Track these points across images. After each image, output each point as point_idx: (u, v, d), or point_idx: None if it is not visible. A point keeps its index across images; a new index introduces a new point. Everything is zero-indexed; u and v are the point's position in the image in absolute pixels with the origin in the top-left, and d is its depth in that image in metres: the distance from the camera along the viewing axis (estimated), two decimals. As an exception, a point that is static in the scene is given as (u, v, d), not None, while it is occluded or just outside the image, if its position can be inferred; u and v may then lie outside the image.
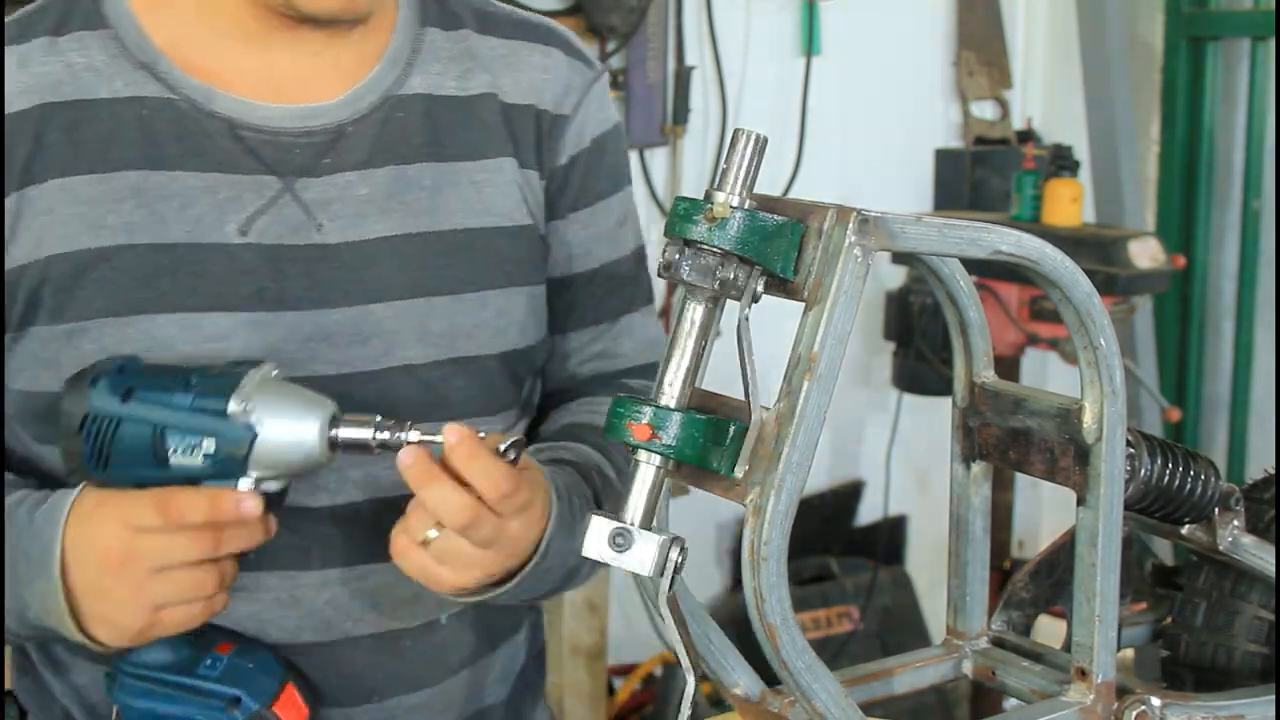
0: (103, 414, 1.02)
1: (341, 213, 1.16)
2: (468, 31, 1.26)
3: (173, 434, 1.02)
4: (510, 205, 1.23)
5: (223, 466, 1.02)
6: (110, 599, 1.04)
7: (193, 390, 1.02)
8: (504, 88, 1.25)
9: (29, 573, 1.06)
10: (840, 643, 3.39)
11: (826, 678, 0.90)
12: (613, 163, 1.33)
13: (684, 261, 0.88)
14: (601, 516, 0.93)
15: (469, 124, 1.23)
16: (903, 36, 3.69)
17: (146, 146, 1.13)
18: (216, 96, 1.15)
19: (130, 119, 1.13)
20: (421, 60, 1.22)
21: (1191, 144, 3.72)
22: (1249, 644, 1.18)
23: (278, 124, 1.16)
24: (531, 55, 1.27)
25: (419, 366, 1.19)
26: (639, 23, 3.16)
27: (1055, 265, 0.95)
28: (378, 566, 1.19)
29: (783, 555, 0.86)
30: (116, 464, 1.03)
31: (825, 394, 0.86)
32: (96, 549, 1.04)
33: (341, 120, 1.18)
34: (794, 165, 3.47)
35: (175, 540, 1.02)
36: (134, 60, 1.14)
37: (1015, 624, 1.18)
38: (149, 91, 1.14)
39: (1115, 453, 1.00)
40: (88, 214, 1.11)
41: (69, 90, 1.13)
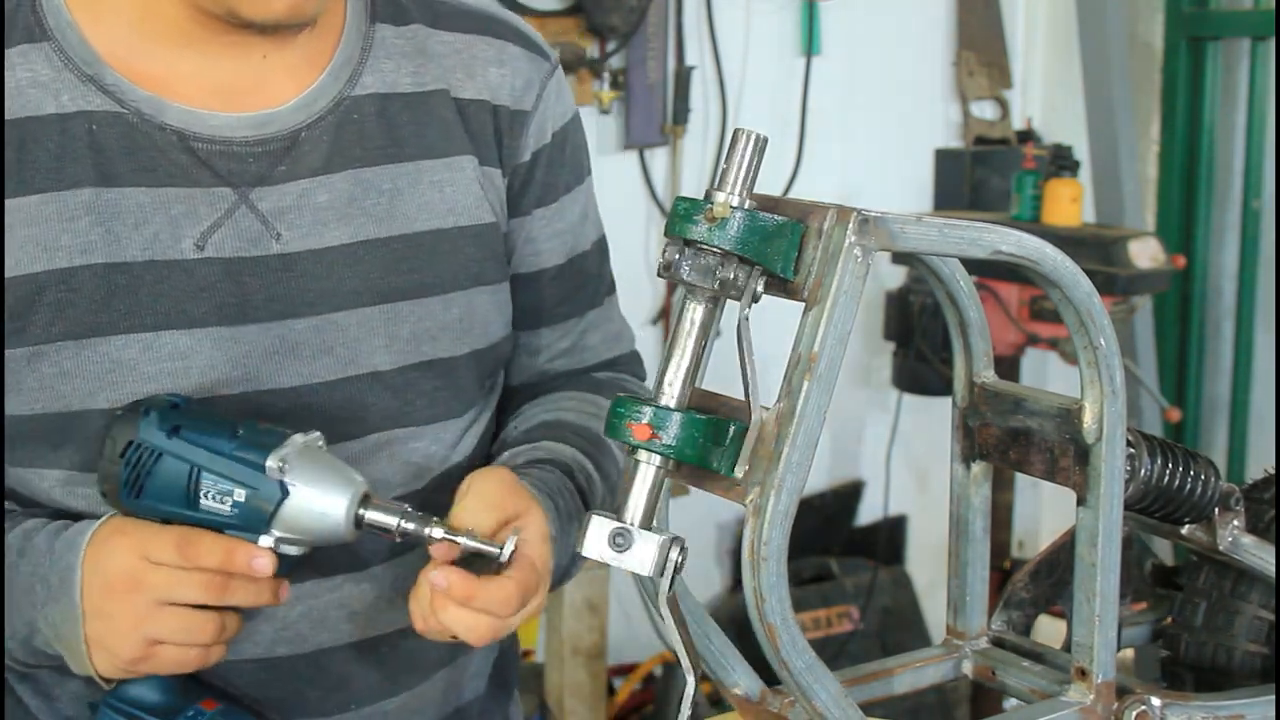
0: (147, 444, 1.04)
1: (299, 221, 1.14)
2: (418, 26, 1.22)
3: (208, 477, 1.03)
4: (472, 203, 1.21)
5: (248, 520, 1.03)
6: (110, 623, 1.03)
7: (237, 440, 1.04)
8: (458, 84, 1.22)
9: (46, 596, 1.05)
10: (840, 643, 3.39)
11: (826, 678, 0.90)
12: (574, 155, 1.31)
13: (684, 262, 0.88)
14: (601, 516, 0.93)
15: (426, 121, 1.20)
16: (903, 36, 3.69)
17: (97, 163, 1.10)
18: (166, 108, 1.12)
19: (79, 135, 1.10)
20: (373, 58, 1.19)
21: (1191, 144, 3.72)
22: (1249, 644, 1.18)
23: (229, 133, 1.13)
24: (486, 50, 1.24)
25: (386, 373, 1.18)
26: (639, 23, 3.16)
27: (1056, 265, 0.95)
28: (352, 575, 1.19)
29: (783, 555, 0.86)
30: (148, 495, 1.04)
31: (825, 394, 0.86)
32: (107, 572, 1.03)
33: (295, 126, 1.15)
34: (794, 165, 3.47)
35: (185, 578, 1.02)
36: (79, 73, 1.11)
37: (1015, 624, 1.18)
38: (96, 105, 1.10)
39: (1115, 453, 1.00)
40: (40, 235, 1.08)
41: (16, 107, 1.09)
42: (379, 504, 1.05)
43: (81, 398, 1.10)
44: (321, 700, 1.20)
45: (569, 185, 1.30)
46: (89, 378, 1.09)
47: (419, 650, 1.23)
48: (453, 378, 1.22)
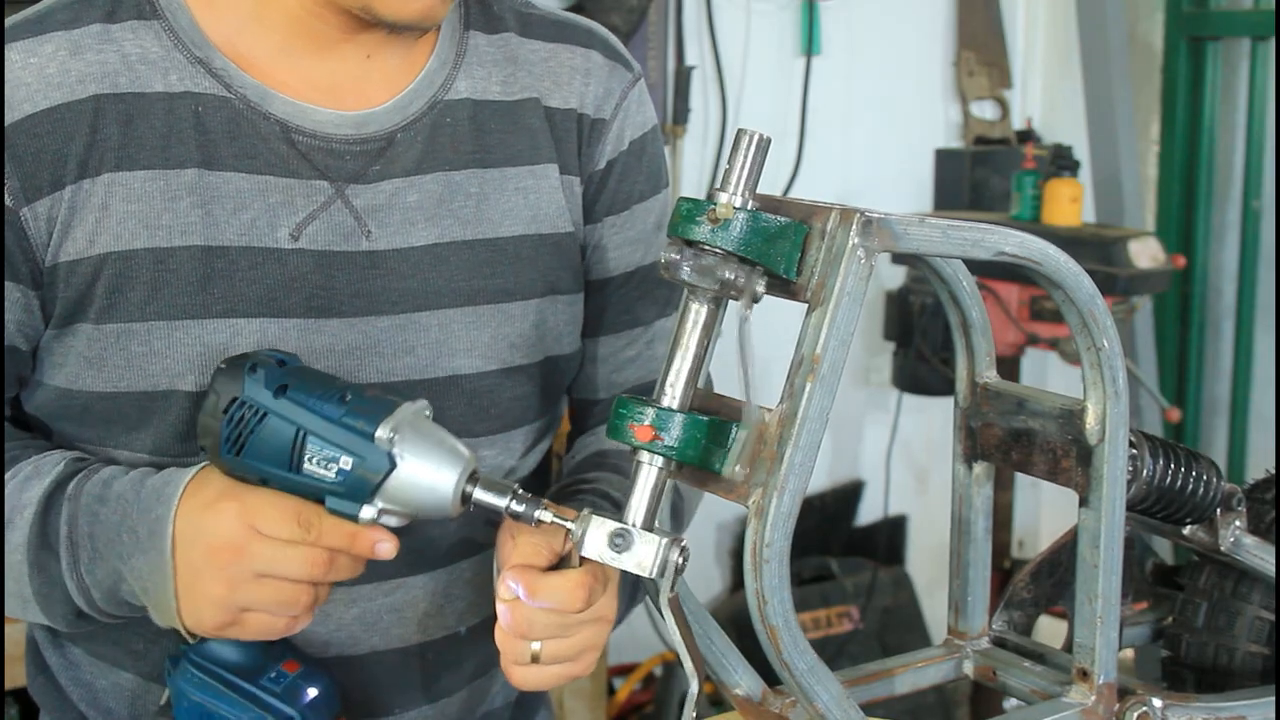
0: (252, 402, 1.01)
1: (389, 220, 1.15)
2: (510, 34, 1.24)
3: (314, 441, 1.01)
4: (554, 212, 1.22)
5: (352, 488, 1.01)
6: (203, 588, 1.02)
7: (345, 406, 1.01)
8: (546, 92, 1.23)
9: (134, 547, 1.04)
10: (840, 643, 3.39)
11: (828, 679, 0.91)
12: (651, 165, 1.31)
13: (684, 262, 0.88)
14: (602, 517, 0.93)
15: (514, 130, 1.21)
16: (903, 36, 3.69)
17: (201, 145, 1.11)
18: (272, 98, 1.13)
19: (186, 115, 1.11)
20: (466, 64, 1.21)
21: (1191, 144, 3.72)
22: (1250, 645, 1.18)
23: (331, 130, 1.14)
24: (572, 58, 1.25)
25: (465, 376, 1.18)
26: (639, 23, 3.16)
27: (1059, 266, 0.95)
28: (406, 580, 1.19)
29: (785, 557, 0.86)
30: (249, 453, 1.01)
31: (828, 395, 0.86)
32: (210, 537, 1.02)
33: (392, 127, 1.16)
34: (794, 165, 3.47)
35: (292, 554, 1.01)
36: (189, 54, 1.12)
37: (1016, 624, 1.18)
38: (204, 88, 1.12)
39: (1118, 454, 1.00)
40: (143, 212, 1.09)
41: (124, 82, 1.10)
42: (488, 481, 1.03)
43: (170, 378, 1.10)
44: (365, 703, 1.20)
45: (643, 195, 1.30)
46: (178, 359, 1.09)
47: (463, 658, 1.24)
48: (528, 386, 1.22)
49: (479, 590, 1.24)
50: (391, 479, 1.01)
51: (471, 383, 1.18)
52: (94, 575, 1.06)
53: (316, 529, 1.01)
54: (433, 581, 1.21)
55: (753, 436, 0.88)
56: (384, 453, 1.00)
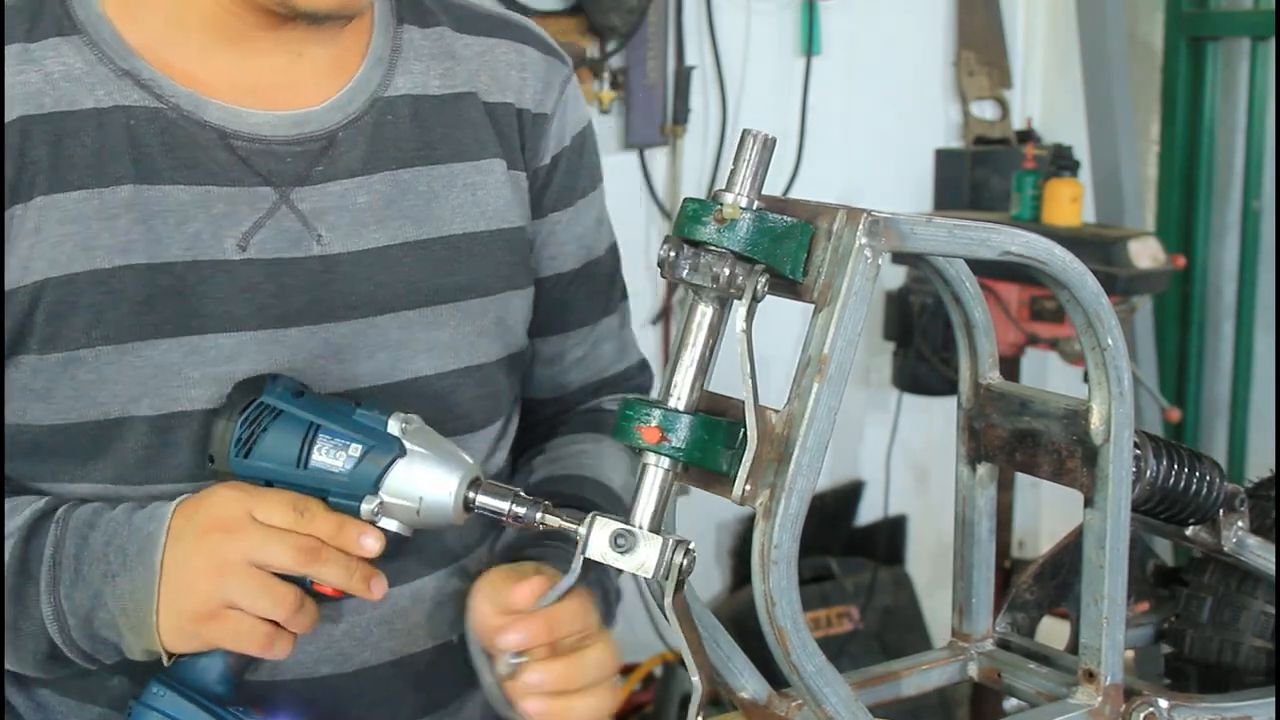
0: (270, 405, 1.03)
1: (339, 222, 1.13)
2: (444, 29, 1.22)
3: (326, 433, 1.02)
4: (504, 207, 1.21)
5: (359, 478, 1.01)
6: (190, 569, 1.00)
7: (359, 407, 1.04)
8: (484, 87, 1.22)
9: (120, 565, 1.02)
10: (840, 643, 3.39)
11: (837, 681, 0.90)
12: (591, 160, 1.31)
13: (682, 260, 0.88)
14: (605, 518, 0.92)
15: (457, 124, 1.20)
16: (903, 36, 3.69)
17: (137, 159, 1.07)
18: (205, 104, 1.10)
19: (117, 131, 1.07)
20: (403, 59, 1.19)
21: (1191, 144, 3.72)
22: (1255, 640, 1.18)
23: (269, 132, 1.11)
24: (508, 54, 1.24)
25: (428, 378, 1.17)
26: (639, 23, 3.16)
27: (1064, 266, 0.95)
28: (392, 591, 1.16)
29: (793, 558, 0.86)
30: (257, 454, 1.02)
31: (835, 396, 0.86)
32: (205, 517, 1.01)
33: (332, 126, 1.14)
34: (794, 165, 3.47)
35: (281, 540, 1.00)
36: (114, 67, 1.08)
37: (1020, 626, 1.18)
38: (134, 100, 1.08)
39: (1123, 454, 1.00)
40: (80, 233, 1.05)
41: (49, 102, 1.06)
42: (490, 486, 1.03)
43: (122, 404, 1.07)
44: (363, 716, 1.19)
45: (585, 189, 1.30)
46: (131, 383, 1.07)
47: (456, 666, 1.22)
48: (490, 384, 1.22)
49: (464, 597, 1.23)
50: (397, 468, 1.02)
51: (434, 384, 1.17)
52: (72, 600, 1.03)
53: (309, 515, 1.00)
54: (419, 591, 1.20)
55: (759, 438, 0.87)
56: (394, 439, 1.02)
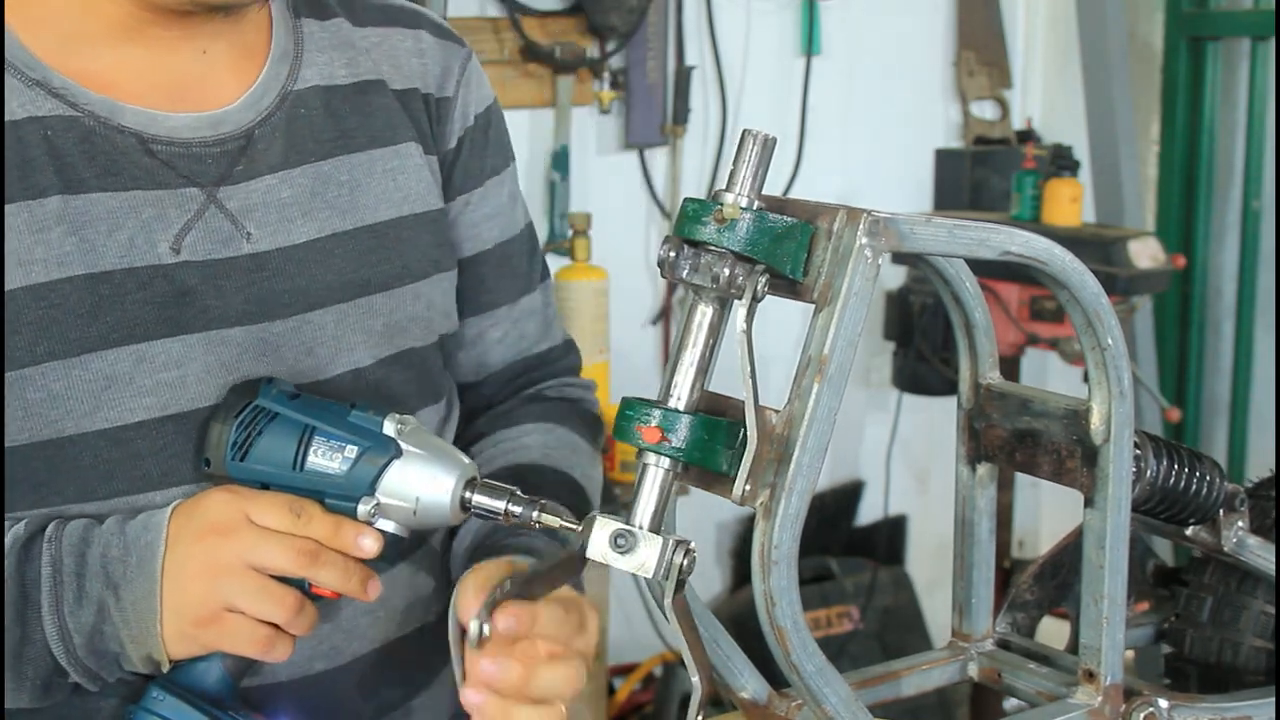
0: (264, 408, 1.03)
1: (267, 219, 1.12)
2: (340, 20, 1.23)
3: (321, 435, 1.02)
4: (423, 190, 1.22)
5: (356, 479, 1.02)
6: (188, 579, 1.00)
7: (355, 409, 1.04)
8: (387, 74, 1.23)
9: (123, 578, 1.01)
10: (840, 643, 3.39)
11: (837, 681, 0.90)
12: (498, 139, 1.31)
13: (683, 260, 0.88)
14: (605, 518, 0.92)
15: (369, 111, 1.20)
16: (903, 36, 3.69)
17: (60, 170, 1.05)
18: (121, 110, 1.08)
19: (35, 142, 1.04)
20: (307, 52, 1.19)
21: (1191, 144, 3.72)
22: (1255, 639, 1.17)
23: (187, 134, 1.10)
24: (404, 40, 1.25)
25: (365, 368, 1.17)
26: (639, 23, 3.16)
27: (1064, 266, 0.95)
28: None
29: (793, 558, 0.86)
30: (254, 456, 1.02)
31: (836, 396, 0.86)
32: (201, 521, 1.00)
33: (248, 124, 1.13)
34: (794, 165, 3.47)
35: (278, 542, 0.99)
36: (24, 77, 1.06)
37: (1020, 626, 1.18)
38: (48, 110, 1.06)
39: (1123, 454, 1.00)
40: (13, 249, 1.03)
41: None
42: (487, 485, 1.03)
43: (76, 419, 1.05)
44: (356, 711, 1.19)
45: (495, 169, 1.30)
46: (82, 398, 1.05)
47: (432, 648, 1.23)
48: (423, 368, 1.22)
49: (439, 577, 1.24)
50: (394, 469, 1.02)
51: (372, 373, 1.17)
52: (77, 618, 1.01)
53: (306, 517, 1.00)
54: (395, 578, 1.20)
55: (761, 438, 0.87)
56: (391, 440, 1.02)
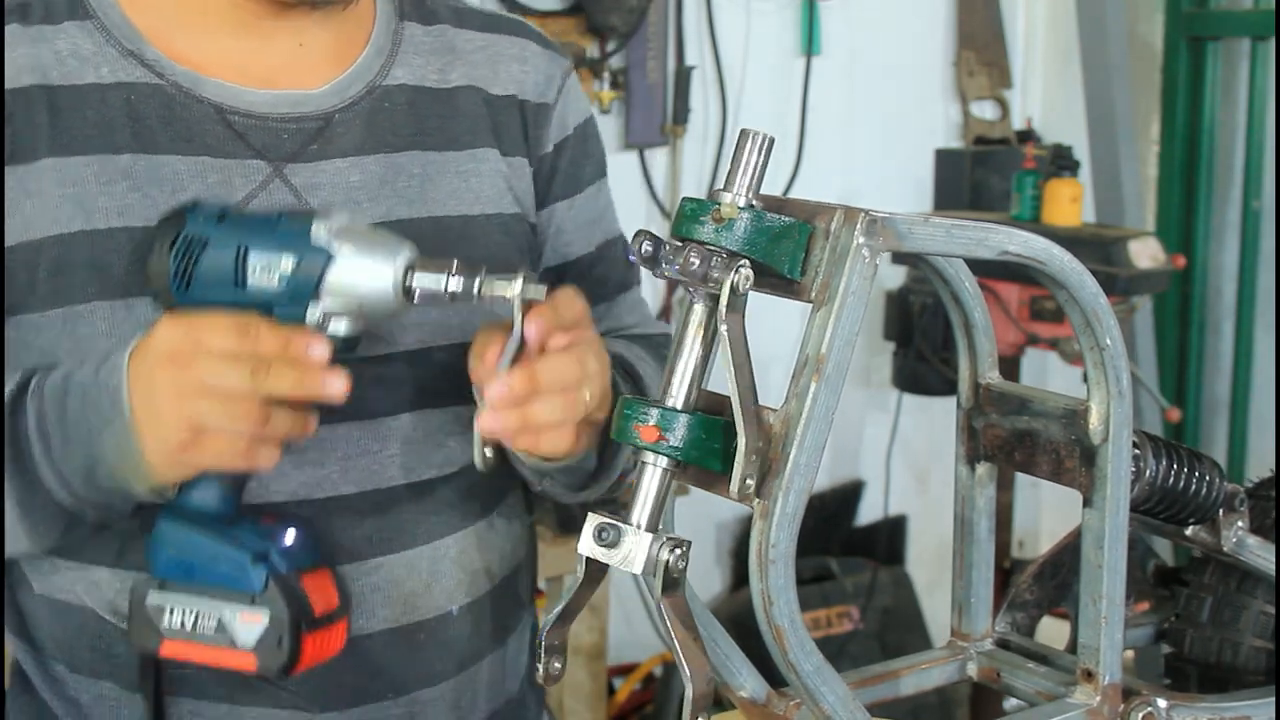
0: (195, 235, 1.04)
1: (332, 199, 1.16)
2: (445, 26, 1.28)
3: (255, 253, 1.03)
4: (496, 195, 1.24)
5: (297, 289, 1.03)
6: (155, 406, 1.02)
7: (281, 219, 1.05)
8: (484, 80, 1.27)
9: (101, 424, 1.04)
10: (840, 643, 3.39)
11: (834, 680, 0.90)
12: (595, 150, 1.36)
13: (660, 255, 0.88)
14: (595, 513, 0.93)
15: (452, 115, 1.24)
16: (903, 36, 3.69)
17: (136, 131, 1.13)
18: (203, 82, 1.15)
19: (117, 104, 1.13)
20: (403, 53, 1.24)
21: (1191, 144, 3.72)
22: (1254, 639, 1.17)
23: (265, 109, 1.16)
24: (510, 48, 1.30)
25: (416, 353, 1.19)
26: (639, 23, 3.16)
27: (1063, 266, 0.95)
28: (385, 559, 1.19)
29: (791, 558, 0.86)
30: (197, 285, 1.04)
31: (833, 395, 0.85)
32: (156, 354, 1.02)
33: (329, 108, 1.18)
34: (794, 165, 3.47)
35: (228, 363, 1.00)
36: (120, 48, 1.14)
37: (1019, 625, 1.18)
38: (135, 77, 1.14)
39: (1122, 454, 1.00)
40: (80, 195, 1.10)
41: (56, 75, 1.12)
42: (426, 263, 1.04)
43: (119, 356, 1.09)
44: (361, 688, 1.20)
45: (591, 178, 1.35)
46: (125, 338, 1.08)
47: (457, 639, 1.24)
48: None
49: (466, 568, 1.24)
50: (332, 272, 1.03)
51: (421, 359, 1.19)
52: (69, 463, 1.05)
53: (254, 334, 1.01)
54: (415, 559, 1.21)
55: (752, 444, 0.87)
56: (320, 247, 1.03)
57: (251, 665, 1.06)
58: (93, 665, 1.19)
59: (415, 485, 1.21)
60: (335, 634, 1.11)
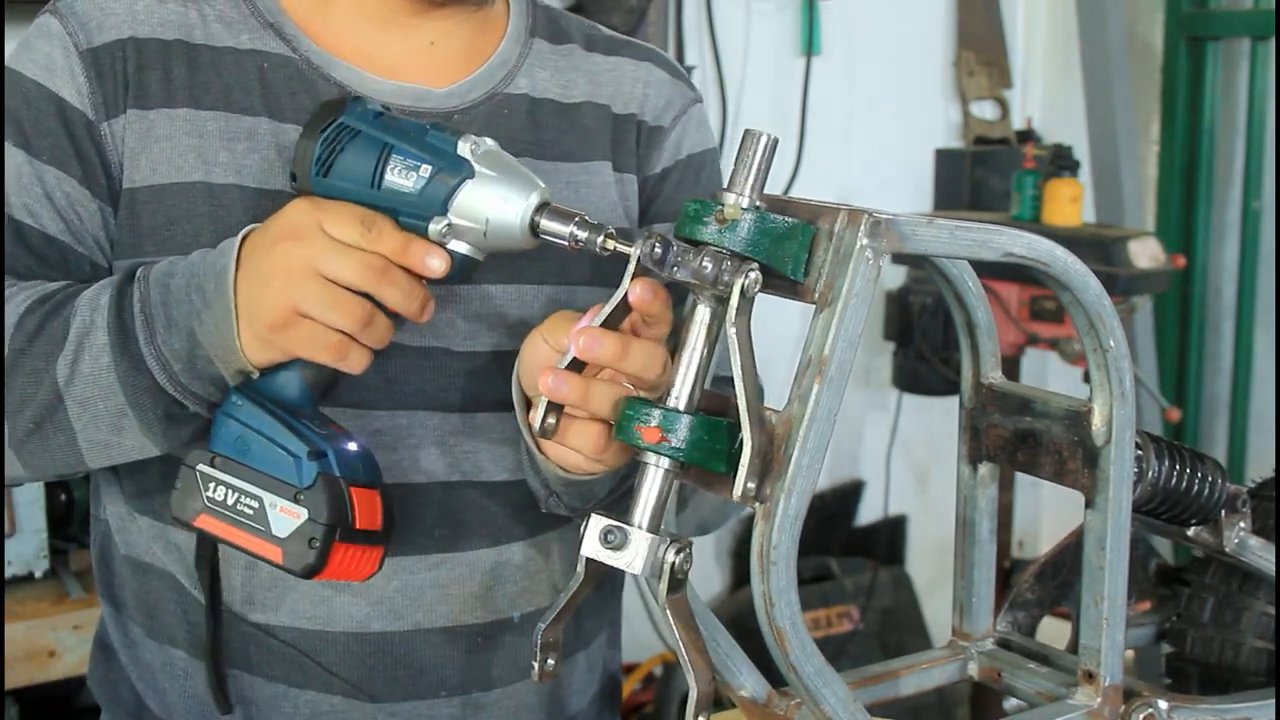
0: (349, 125, 1.04)
1: None
2: (574, 47, 1.31)
3: (398, 153, 1.03)
4: (606, 207, 1.26)
5: (429, 198, 1.02)
6: (261, 281, 1.01)
7: (431, 128, 1.04)
8: (607, 97, 1.29)
9: (202, 303, 1.04)
10: (840, 643, 3.39)
11: (835, 681, 0.90)
12: (709, 182, 1.35)
13: (670, 257, 0.88)
14: (599, 515, 0.92)
15: (570, 129, 1.26)
16: (903, 36, 3.69)
17: (264, 96, 1.17)
18: (335, 64, 1.19)
19: (251, 69, 1.17)
20: (529, 65, 1.27)
21: (1191, 144, 3.72)
22: (1255, 640, 1.17)
23: (388, 99, 1.18)
24: (635, 70, 1.32)
25: (503, 353, 1.18)
26: (639, 23, 3.16)
27: (1066, 267, 0.95)
28: (450, 555, 1.19)
29: (792, 559, 0.86)
30: (335, 172, 1.03)
31: (836, 397, 0.85)
32: (278, 228, 1.02)
33: (450, 108, 1.21)
34: (794, 165, 3.47)
35: (346, 253, 1.00)
36: (262, 20, 1.19)
37: (1020, 625, 1.18)
38: (271, 48, 1.18)
39: (1124, 455, 1.00)
40: (203, 147, 1.14)
41: (199, 34, 1.17)
42: (557, 210, 1.02)
43: None
44: (412, 681, 1.20)
45: None
46: None
47: (516, 646, 1.24)
48: None
49: (531, 576, 1.24)
50: (466, 189, 1.02)
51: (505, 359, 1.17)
52: (171, 345, 1.05)
53: (376, 231, 1.00)
54: (479, 560, 1.21)
55: (757, 438, 0.87)
56: (464, 160, 1.02)
57: (278, 557, 1.04)
58: (168, 631, 1.21)
59: (487, 485, 1.21)
60: (369, 556, 1.08)
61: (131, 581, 1.23)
